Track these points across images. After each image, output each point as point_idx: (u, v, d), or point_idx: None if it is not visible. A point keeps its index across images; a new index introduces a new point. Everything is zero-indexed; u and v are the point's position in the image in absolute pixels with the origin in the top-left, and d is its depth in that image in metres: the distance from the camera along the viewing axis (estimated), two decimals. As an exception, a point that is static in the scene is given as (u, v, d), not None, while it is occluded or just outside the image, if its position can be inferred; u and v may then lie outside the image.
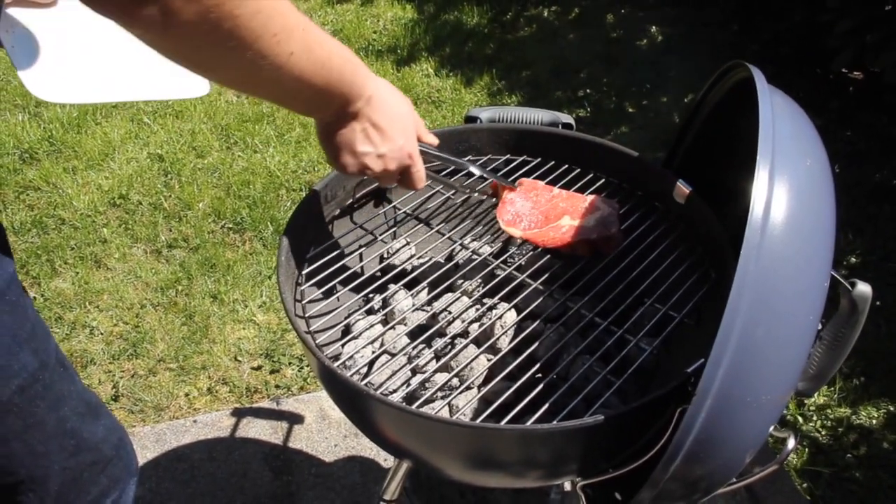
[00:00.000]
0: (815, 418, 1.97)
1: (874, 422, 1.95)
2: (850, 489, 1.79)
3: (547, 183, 1.22)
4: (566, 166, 1.24)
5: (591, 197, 1.16)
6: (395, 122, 0.94)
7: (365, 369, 1.07)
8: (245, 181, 2.81)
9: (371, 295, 1.18)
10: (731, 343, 0.72)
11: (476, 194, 1.24)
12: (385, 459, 1.84)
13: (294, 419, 1.95)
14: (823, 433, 1.93)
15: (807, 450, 1.89)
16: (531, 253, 1.16)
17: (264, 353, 2.15)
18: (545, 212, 1.13)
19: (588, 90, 3.40)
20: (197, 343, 2.18)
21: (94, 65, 1.05)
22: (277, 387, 2.06)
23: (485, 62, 3.62)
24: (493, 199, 1.21)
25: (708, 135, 1.18)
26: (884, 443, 1.90)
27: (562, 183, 1.22)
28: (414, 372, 1.05)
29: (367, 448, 1.88)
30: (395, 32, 3.86)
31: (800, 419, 1.97)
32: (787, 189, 0.76)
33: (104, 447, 1.04)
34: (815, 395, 2.01)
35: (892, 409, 1.98)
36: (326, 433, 1.91)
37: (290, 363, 2.12)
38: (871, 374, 2.07)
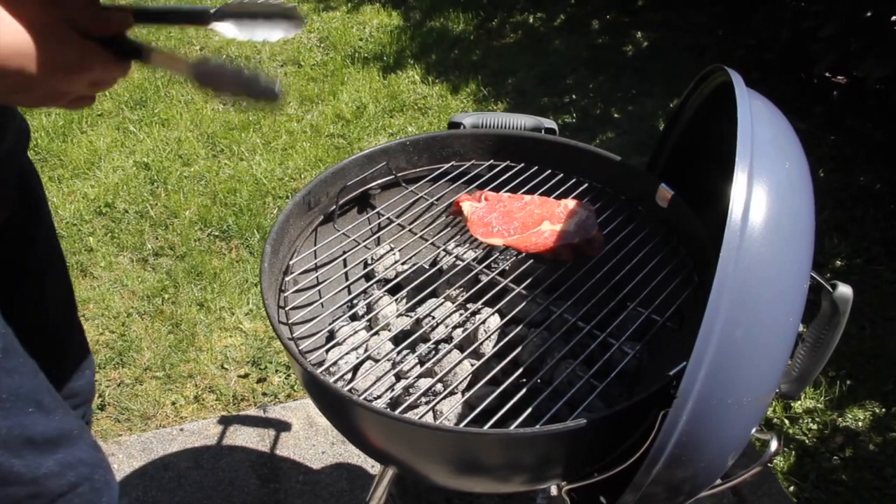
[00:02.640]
0: (801, 421, 1.97)
1: (860, 424, 1.96)
2: (837, 491, 1.80)
3: (531, 188, 1.22)
4: (549, 171, 1.25)
5: (565, 201, 1.16)
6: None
7: (349, 375, 1.07)
8: (231, 189, 2.81)
9: (355, 301, 1.18)
10: (712, 345, 0.73)
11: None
12: (372, 466, 1.84)
13: (281, 426, 1.94)
14: (810, 436, 1.94)
15: (793, 452, 1.89)
16: (515, 258, 1.17)
17: (251, 360, 2.15)
18: (521, 219, 1.13)
19: (574, 96, 3.41)
20: (183, 351, 2.17)
21: None
22: (264, 394, 2.06)
23: (471, 69, 3.62)
24: (459, 218, 1.21)
25: (690, 138, 1.18)
26: (870, 445, 1.91)
27: (546, 187, 1.22)
28: (398, 377, 1.05)
29: (354, 455, 1.87)
30: (381, 39, 3.87)
31: (786, 422, 1.97)
32: (766, 191, 0.76)
33: (50, 482, 0.99)
34: (802, 397, 2.02)
35: (877, 410, 1.99)
36: (314, 440, 1.90)
37: (276, 371, 2.11)
38: (857, 377, 2.07)
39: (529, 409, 0.90)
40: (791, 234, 0.78)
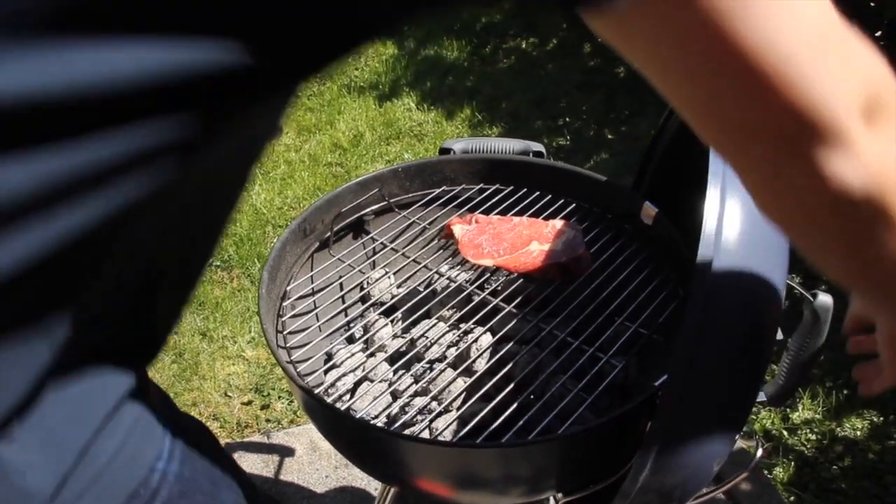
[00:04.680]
0: (800, 432, 1.99)
1: (858, 433, 1.98)
2: (837, 500, 1.81)
3: (520, 209, 1.25)
4: (537, 193, 1.28)
5: (553, 222, 1.19)
6: None
7: (347, 396, 1.09)
8: (231, 219, 2.84)
9: (351, 324, 1.21)
10: (691, 357, 0.76)
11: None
12: (375, 488, 1.85)
13: (285, 452, 1.96)
14: (809, 446, 1.96)
15: (793, 463, 1.91)
16: (505, 278, 1.20)
17: (254, 387, 2.17)
18: (511, 240, 1.16)
19: (568, 118, 3.45)
20: (187, 380, 2.19)
21: None
22: (268, 420, 2.08)
23: (465, 95, 3.67)
24: (451, 241, 1.24)
25: (673, 157, 1.22)
26: (869, 453, 1.92)
27: (534, 209, 1.26)
28: (394, 396, 1.08)
29: (357, 478, 1.89)
30: (376, 68, 3.92)
31: (785, 433, 1.99)
32: (738, 205, 0.79)
33: None
34: (800, 408, 2.04)
35: (875, 419, 2.01)
36: (317, 465, 1.93)
37: (279, 397, 2.14)
38: (854, 387, 2.09)
39: (521, 422, 0.93)
40: (765, 246, 0.81)
